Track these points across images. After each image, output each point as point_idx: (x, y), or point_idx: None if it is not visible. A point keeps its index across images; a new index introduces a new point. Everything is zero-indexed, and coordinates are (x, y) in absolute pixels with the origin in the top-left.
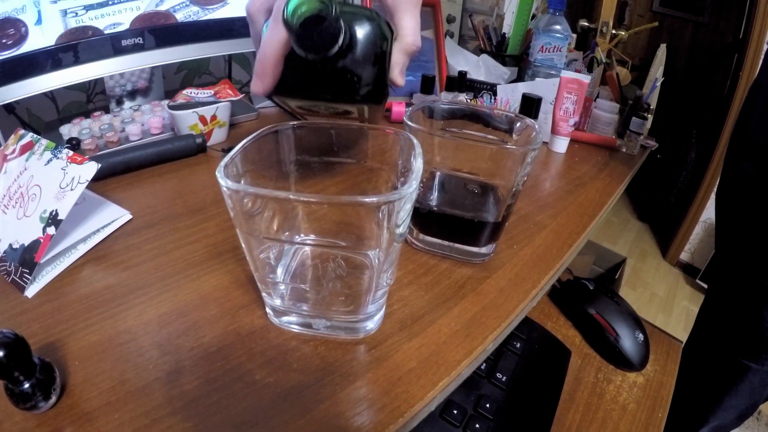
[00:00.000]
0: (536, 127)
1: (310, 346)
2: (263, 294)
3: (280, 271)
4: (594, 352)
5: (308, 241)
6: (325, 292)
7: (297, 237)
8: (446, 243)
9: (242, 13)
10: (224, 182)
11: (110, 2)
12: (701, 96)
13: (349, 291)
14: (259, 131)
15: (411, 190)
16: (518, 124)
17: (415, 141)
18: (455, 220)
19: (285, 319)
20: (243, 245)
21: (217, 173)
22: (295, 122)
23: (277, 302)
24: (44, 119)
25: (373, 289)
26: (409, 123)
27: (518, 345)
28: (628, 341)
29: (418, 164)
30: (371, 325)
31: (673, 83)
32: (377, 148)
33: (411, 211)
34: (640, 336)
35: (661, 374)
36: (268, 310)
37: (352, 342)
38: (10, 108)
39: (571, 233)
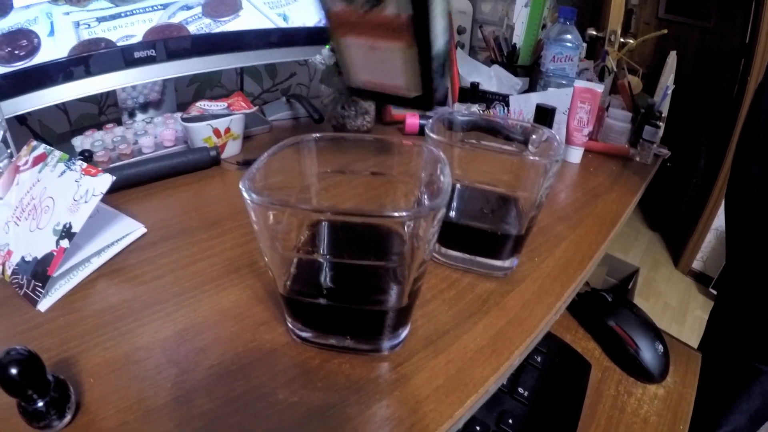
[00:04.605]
0: (557, 137)
1: (334, 364)
2: (285, 310)
3: (304, 286)
4: (614, 364)
5: (334, 255)
6: (350, 307)
7: (323, 251)
8: (468, 257)
9: (254, 26)
10: (248, 196)
11: (123, 14)
12: (710, 102)
13: (374, 307)
14: (281, 143)
15: (441, 204)
16: (537, 135)
17: (441, 155)
18: (477, 234)
19: (308, 335)
20: (266, 259)
21: (240, 186)
22: (317, 134)
23: (300, 318)
24: (56, 131)
25: (398, 305)
26: (432, 135)
27: (539, 359)
28: (648, 353)
29: (447, 180)
30: (396, 341)
31: (681, 90)
32: (399, 160)
33: (440, 227)
34: (660, 347)
35: (681, 386)
36: (290, 326)
37: (377, 359)
38: (22, 119)
39: (591, 244)
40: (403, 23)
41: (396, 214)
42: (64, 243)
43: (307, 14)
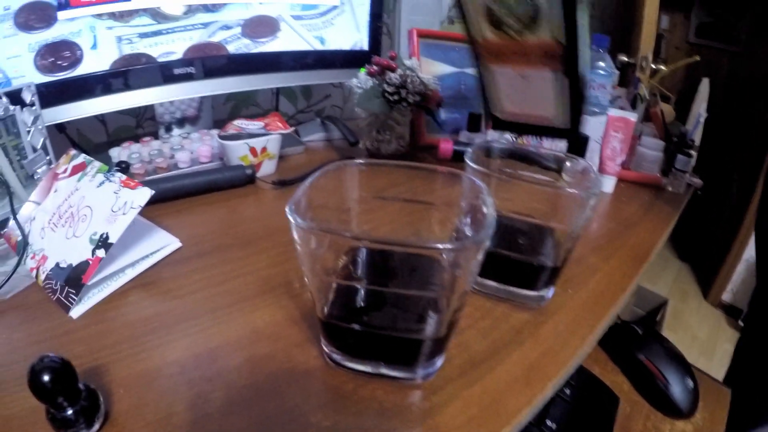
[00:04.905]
0: (594, 169)
1: (367, 390)
2: (322, 333)
3: (342, 311)
4: (642, 399)
5: (374, 282)
6: (388, 335)
7: (363, 277)
8: (503, 287)
9: (291, 47)
10: (294, 219)
11: (164, 31)
12: (741, 129)
13: (412, 335)
14: (326, 167)
15: (486, 237)
16: (573, 165)
17: (483, 186)
18: (513, 264)
19: (343, 360)
20: (307, 282)
21: (287, 209)
22: (361, 160)
23: (336, 342)
24: (94, 140)
25: (436, 334)
26: (472, 165)
27: (568, 392)
28: (677, 388)
29: (490, 211)
30: (431, 370)
31: (711, 116)
32: (439, 187)
33: (483, 258)
34: (690, 382)
35: (710, 422)
36: (325, 349)
37: (411, 387)
38: (61, 127)
39: (624, 276)
40: (555, 50)
41: (441, 246)
42: (101, 252)
43: (344, 37)
